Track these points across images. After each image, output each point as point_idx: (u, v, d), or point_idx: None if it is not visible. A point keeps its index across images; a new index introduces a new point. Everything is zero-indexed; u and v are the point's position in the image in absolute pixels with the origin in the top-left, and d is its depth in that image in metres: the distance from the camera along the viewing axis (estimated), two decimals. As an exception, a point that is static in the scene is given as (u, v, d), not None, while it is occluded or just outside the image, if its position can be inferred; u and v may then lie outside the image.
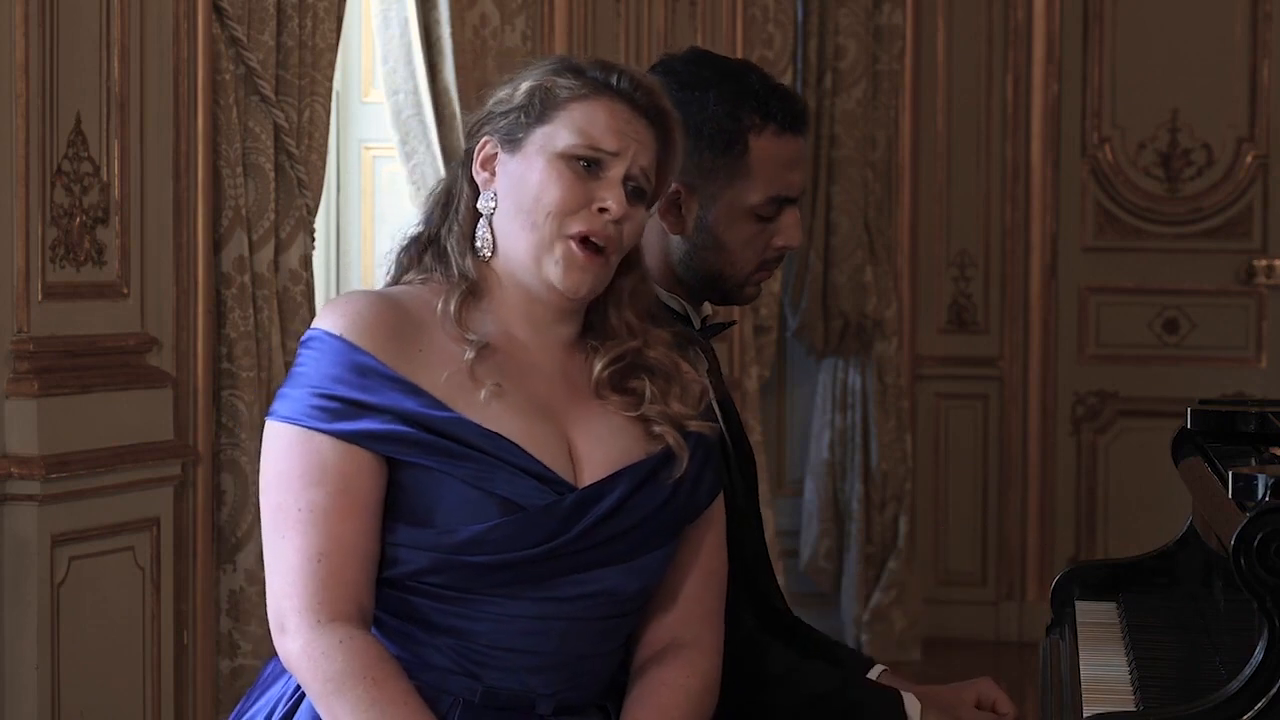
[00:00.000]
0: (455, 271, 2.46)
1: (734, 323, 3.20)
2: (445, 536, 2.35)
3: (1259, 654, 2.17)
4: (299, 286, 3.84)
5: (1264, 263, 6.92)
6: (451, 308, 2.42)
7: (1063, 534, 7.06)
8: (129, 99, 3.49)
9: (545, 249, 2.41)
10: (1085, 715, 2.38)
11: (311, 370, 2.38)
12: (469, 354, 2.40)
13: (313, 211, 3.87)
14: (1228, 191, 6.96)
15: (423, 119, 4.42)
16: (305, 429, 2.36)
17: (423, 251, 2.51)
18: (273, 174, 3.78)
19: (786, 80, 6.30)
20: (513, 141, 2.45)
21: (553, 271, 2.41)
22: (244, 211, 3.73)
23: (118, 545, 3.48)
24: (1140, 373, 7.01)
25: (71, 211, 3.38)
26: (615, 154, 2.43)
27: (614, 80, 2.46)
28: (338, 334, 2.38)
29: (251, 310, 3.74)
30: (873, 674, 2.89)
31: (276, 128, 3.77)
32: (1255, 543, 2.17)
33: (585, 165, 2.42)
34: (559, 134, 2.43)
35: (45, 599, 3.30)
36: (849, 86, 6.54)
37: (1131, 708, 2.45)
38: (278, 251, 3.81)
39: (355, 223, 4.84)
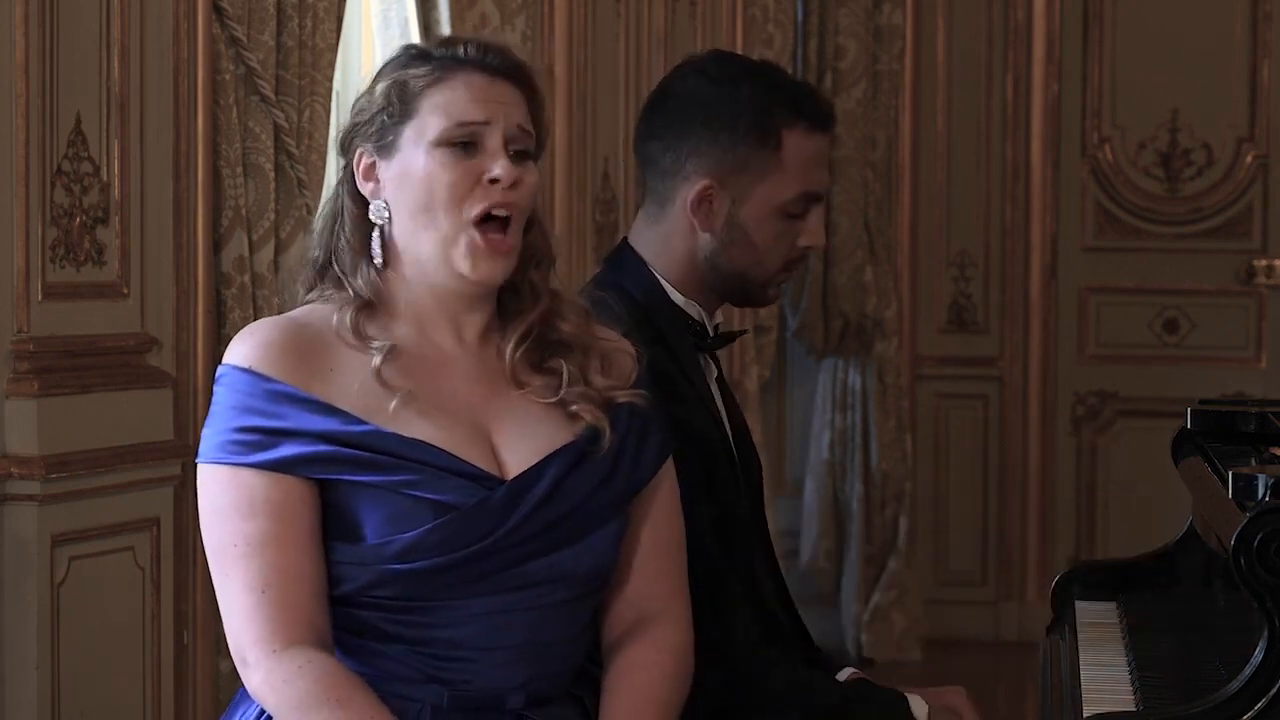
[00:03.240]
0: (350, 291, 2.45)
1: (745, 331, 3.19)
2: (380, 549, 2.35)
3: (1259, 654, 2.17)
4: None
5: (1264, 263, 6.92)
6: (347, 320, 2.42)
7: (1063, 534, 7.06)
8: (129, 99, 3.48)
9: (450, 243, 2.40)
10: (1085, 715, 2.38)
11: (225, 406, 2.38)
12: (375, 360, 2.39)
13: (313, 211, 3.87)
14: (1228, 191, 6.96)
15: (423, 119, 4.42)
16: (229, 465, 2.36)
17: (321, 274, 2.49)
18: (273, 174, 3.78)
19: (786, 80, 6.30)
20: (385, 146, 2.45)
21: (462, 264, 2.40)
22: (244, 211, 3.73)
23: (118, 545, 3.48)
24: (1140, 373, 7.01)
25: (71, 211, 3.37)
26: (486, 123, 2.41)
27: (461, 52, 2.44)
28: (246, 366, 2.38)
29: (252, 310, 3.73)
30: (841, 676, 2.85)
31: (276, 128, 3.77)
32: (1255, 543, 2.17)
33: (463, 145, 2.41)
34: (427, 124, 2.42)
35: (45, 599, 3.30)
36: (849, 86, 6.54)
37: (1131, 708, 2.45)
38: (278, 251, 3.81)
39: (355, 223, 4.82)
